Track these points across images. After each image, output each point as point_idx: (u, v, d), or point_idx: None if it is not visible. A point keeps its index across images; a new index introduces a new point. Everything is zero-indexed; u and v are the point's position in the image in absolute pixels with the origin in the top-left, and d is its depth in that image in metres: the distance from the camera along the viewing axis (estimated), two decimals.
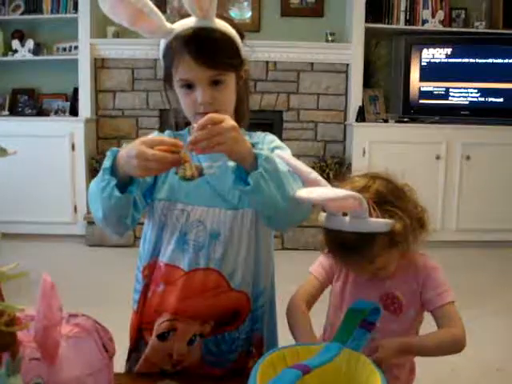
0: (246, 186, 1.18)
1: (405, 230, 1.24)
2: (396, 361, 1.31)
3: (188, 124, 1.49)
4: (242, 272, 1.39)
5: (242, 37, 1.42)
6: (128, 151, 1.18)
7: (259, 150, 1.21)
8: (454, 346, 1.31)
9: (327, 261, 1.46)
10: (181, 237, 1.37)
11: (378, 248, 1.23)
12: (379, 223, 1.20)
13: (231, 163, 1.22)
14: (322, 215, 1.27)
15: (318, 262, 1.48)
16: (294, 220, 1.35)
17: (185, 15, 1.35)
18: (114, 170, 1.23)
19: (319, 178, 1.17)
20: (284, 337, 1.41)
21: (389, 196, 1.27)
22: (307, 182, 1.19)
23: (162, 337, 1.38)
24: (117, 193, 1.21)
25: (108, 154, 1.24)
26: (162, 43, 1.37)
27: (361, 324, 1.08)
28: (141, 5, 1.27)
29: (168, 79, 1.40)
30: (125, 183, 1.24)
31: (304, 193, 1.14)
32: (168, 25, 1.34)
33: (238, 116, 1.49)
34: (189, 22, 1.33)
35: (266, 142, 1.45)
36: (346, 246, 1.23)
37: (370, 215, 1.19)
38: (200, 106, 1.33)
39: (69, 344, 0.92)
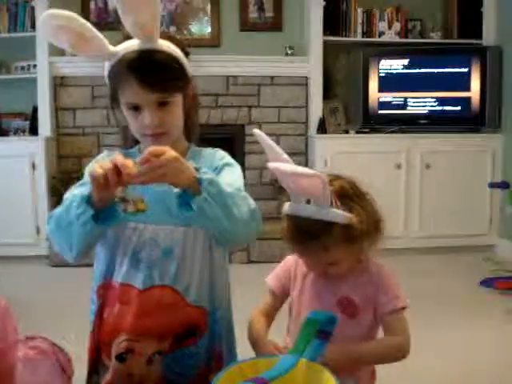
0: (190, 211, 1.21)
1: (361, 225, 1.29)
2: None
3: (138, 142, 1.50)
4: (197, 287, 1.39)
5: (186, 55, 1.43)
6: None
7: (203, 173, 1.24)
8: (398, 353, 1.36)
9: (282, 271, 1.50)
10: (134, 255, 1.37)
11: (333, 238, 1.28)
12: (339, 214, 1.26)
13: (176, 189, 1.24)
14: (286, 204, 1.33)
15: (275, 274, 1.51)
16: (240, 240, 1.39)
17: (129, 36, 1.35)
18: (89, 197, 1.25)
19: (290, 160, 1.24)
20: (244, 353, 1.41)
21: (350, 192, 1.34)
22: (279, 162, 1.24)
23: (120, 358, 1.37)
24: (92, 222, 1.24)
25: (86, 185, 1.26)
26: (107, 65, 1.37)
27: (317, 334, 1.09)
28: (82, 29, 1.27)
29: (114, 100, 1.39)
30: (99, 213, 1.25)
31: (276, 165, 1.20)
32: (111, 47, 1.34)
33: (186, 132, 1.50)
34: (133, 45, 1.33)
35: (217, 158, 1.47)
36: (305, 232, 1.29)
37: (331, 206, 1.25)
38: (147, 128, 1.34)
39: (26, 367, 0.91)
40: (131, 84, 1.31)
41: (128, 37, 1.35)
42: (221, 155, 1.49)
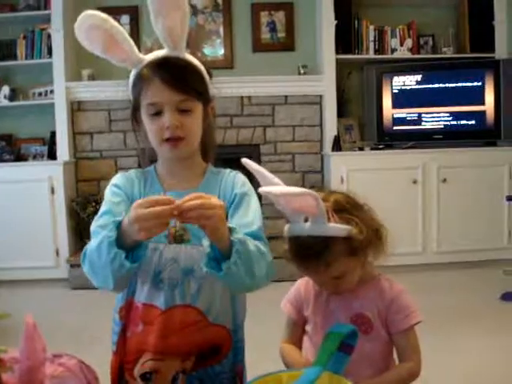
0: (219, 272, 1.22)
1: (361, 236, 1.30)
2: None
3: (153, 161, 1.53)
4: (219, 306, 1.40)
5: (210, 75, 1.47)
6: (128, 218, 1.19)
7: (235, 232, 1.24)
8: (412, 379, 1.38)
9: (293, 295, 1.51)
10: (155, 276, 1.38)
11: (334, 252, 1.29)
12: (337, 228, 1.27)
13: (206, 242, 1.24)
14: (286, 227, 1.34)
15: (287, 299, 1.53)
16: (252, 290, 1.40)
17: (151, 50, 1.41)
18: (118, 240, 1.22)
19: (281, 182, 1.26)
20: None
21: (346, 205, 1.34)
22: (271, 185, 1.25)
23: (144, 377, 1.38)
24: (127, 264, 1.22)
25: (110, 225, 1.23)
26: (132, 73, 1.41)
27: (340, 347, 1.11)
28: (115, 31, 1.32)
29: (135, 111, 1.43)
30: (129, 248, 1.24)
31: (266, 189, 1.21)
32: (139, 54, 1.39)
33: (203, 151, 1.52)
34: (159, 53, 1.39)
35: (237, 184, 1.47)
36: (305, 250, 1.30)
37: (329, 221, 1.26)
38: (167, 130, 1.36)
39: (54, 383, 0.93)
40: (155, 83, 1.35)
41: (150, 51, 1.41)
42: (241, 181, 1.49)
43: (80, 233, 4.83)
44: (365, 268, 1.41)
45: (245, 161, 1.30)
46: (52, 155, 4.92)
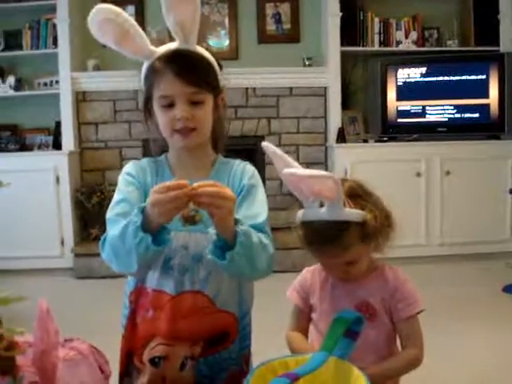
0: (222, 260, 1.26)
1: (375, 221, 1.33)
2: None
3: (164, 151, 1.55)
4: (225, 292, 1.43)
5: (220, 67, 1.49)
6: (148, 204, 1.23)
7: (241, 224, 1.28)
8: (415, 365, 1.41)
9: (299, 283, 1.54)
10: (165, 262, 1.41)
11: (351, 237, 1.32)
12: (353, 213, 1.30)
13: (212, 230, 1.28)
14: (299, 213, 1.37)
15: (293, 287, 1.55)
16: (251, 279, 1.45)
17: (165, 43, 1.43)
18: (142, 225, 1.25)
19: (300, 166, 1.31)
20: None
21: (359, 191, 1.38)
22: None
23: (153, 362, 1.41)
24: (154, 247, 1.25)
25: (135, 211, 1.26)
26: (145, 65, 1.43)
27: (345, 333, 1.13)
28: (128, 25, 1.34)
29: (148, 103, 1.45)
30: (154, 232, 1.27)
31: (291, 170, 1.25)
32: (151, 47, 1.41)
33: (214, 142, 1.55)
34: (171, 46, 1.41)
35: (245, 175, 1.50)
36: (322, 235, 1.32)
37: (344, 207, 1.29)
38: (178, 121, 1.39)
39: (66, 367, 0.95)
40: (167, 76, 1.37)
41: (159, 43, 1.43)
42: (250, 173, 1.52)
43: (85, 222, 4.86)
44: (370, 257, 1.44)
45: (265, 144, 1.33)
46: (57, 145, 4.93)
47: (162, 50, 1.42)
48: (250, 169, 1.54)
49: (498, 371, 2.70)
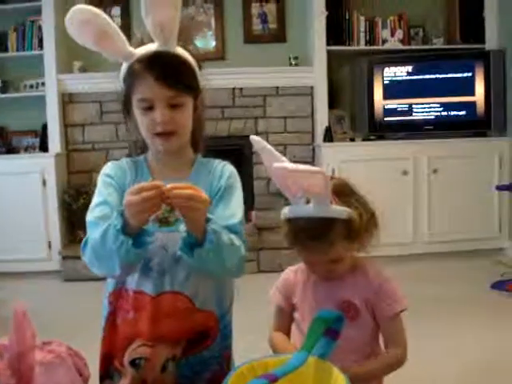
0: (190, 257, 1.28)
1: (360, 219, 1.33)
2: None
3: (143, 152, 1.55)
4: (205, 292, 1.43)
5: (200, 68, 1.49)
6: (123, 206, 1.23)
7: (212, 223, 1.29)
8: (398, 365, 1.42)
9: (281, 284, 1.53)
10: (145, 263, 1.40)
11: (336, 234, 1.32)
12: (339, 210, 1.31)
13: (182, 227, 1.30)
14: (285, 209, 1.37)
15: (275, 287, 1.55)
16: (220, 277, 1.46)
17: (142, 43, 1.42)
18: (124, 228, 1.26)
19: (288, 161, 1.31)
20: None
21: (345, 189, 1.38)
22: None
23: (134, 364, 1.40)
24: (135, 250, 1.26)
25: (114, 214, 1.27)
26: (124, 67, 1.42)
27: (326, 332, 1.12)
28: (106, 26, 1.34)
29: (126, 103, 1.44)
30: (134, 235, 1.27)
31: (281, 165, 1.25)
32: (130, 48, 1.40)
33: (193, 142, 1.55)
34: (151, 47, 1.40)
35: (224, 175, 1.50)
36: (308, 232, 1.32)
37: (331, 204, 1.30)
38: (158, 125, 1.38)
39: (43, 370, 0.94)
40: (147, 79, 1.36)
41: (141, 44, 1.42)
42: (228, 172, 1.52)
43: (72, 225, 4.84)
44: (353, 255, 1.44)
45: (253, 138, 1.34)
46: (44, 147, 4.91)
47: (141, 51, 1.40)
48: (228, 169, 1.54)
49: (487, 368, 2.70)
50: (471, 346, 2.97)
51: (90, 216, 1.40)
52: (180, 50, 1.43)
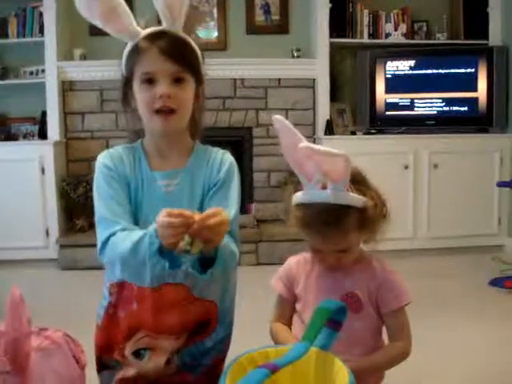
0: (204, 275, 1.31)
1: (375, 209, 1.32)
2: None
3: (140, 136, 1.53)
4: (206, 283, 1.41)
5: (202, 58, 1.47)
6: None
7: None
8: (403, 357, 1.40)
9: (284, 272, 1.51)
10: None
11: (350, 222, 1.31)
12: (356, 198, 1.29)
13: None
14: (298, 194, 1.35)
15: (278, 276, 1.53)
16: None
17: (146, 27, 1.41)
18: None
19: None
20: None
21: (360, 178, 1.37)
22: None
23: (138, 354, 1.39)
24: (170, 271, 1.29)
25: (150, 230, 1.28)
26: (128, 46, 1.41)
27: (328, 323, 1.11)
28: (116, 3, 1.32)
29: (127, 85, 1.42)
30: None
31: (308, 144, 1.24)
32: (137, 27, 1.38)
33: (191, 131, 1.53)
34: (157, 28, 1.39)
35: (223, 167, 1.50)
36: (324, 218, 1.30)
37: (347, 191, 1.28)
38: (159, 99, 1.36)
39: (39, 356, 0.93)
40: (152, 53, 1.36)
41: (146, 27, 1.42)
42: (228, 163, 1.51)
43: (70, 213, 4.82)
44: (360, 247, 1.42)
45: (276, 117, 1.34)
46: (43, 135, 4.87)
47: (148, 30, 1.40)
48: (228, 159, 1.52)
49: (486, 364, 2.69)
50: (468, 342, 2.96)
51: (101, 212, 1.39)
52: (186, 35, 1.42)
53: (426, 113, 4.95)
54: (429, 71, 4.94)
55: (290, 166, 1.35)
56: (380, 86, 4.92)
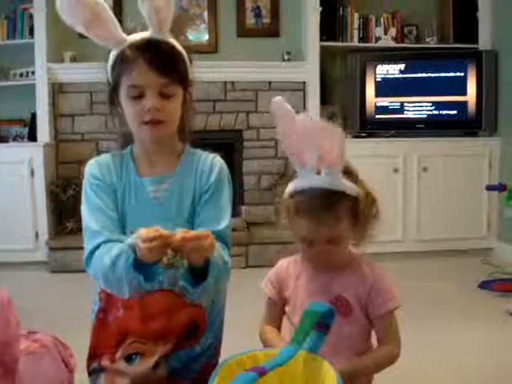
0: (196, 289, 1.32)
1: (366, 200, 1.35)
2: None
3: (129, 143, 1.53)
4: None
5: (190, 61, 1.47)
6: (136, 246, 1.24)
7: (213, 257, 1.31)
8: (392, 361, 1.41)
9: (274, 275, 1.52)
10: None
11: (344, 209, 1.33)
12: (350, 185, 1.33)
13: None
14: (291, 184, 1.37)
15: (267, 279, 1.53)
16: None
17: (133, 32, 1.40)
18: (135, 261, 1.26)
19: None
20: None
21: (352, 170, 1.40)
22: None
23: (129, 359, 1.39)
24: (146, 284, 1.28)
25: (126, 245, 1.28)
26: (113, 53, 1.39)
27: (316, 326, 1.11)
28: (99, 9, 1.30)
29: (113, 92, 1.41)
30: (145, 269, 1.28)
31: (305, 116, 1.29)
32: (123, 34, 1.37)
33: (180, 134, 1.52)
34: (143, 34, 1.37)
35: (213, 172, 1.49)
36: (318, 202, 1.31)
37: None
38: (147, 113, 1.36)
39: (29, 359, 0.92)
40: (139, 65, 1.34)
41: (131, 33, 1.39)
42: (218, 167, 1.50)
43: (60, 216, 4.80)
44: (349, 249, 1.42)
45: (275, 100, 1.34)
46: (32, 137, 4.85)
47: (133, 38, 1.38)
48: (217, 162, 1.51)
49: (475, 366, 2.70)
50: (457, 344, 2.97)
51: (89, 222, 1.39)
52: (172, 40, 1.41)
53: (415, 116, 4.97)
54: (418, 75, 4.96)
55: (285, 151, 1.36)
56: (370, 89, 4.94)
